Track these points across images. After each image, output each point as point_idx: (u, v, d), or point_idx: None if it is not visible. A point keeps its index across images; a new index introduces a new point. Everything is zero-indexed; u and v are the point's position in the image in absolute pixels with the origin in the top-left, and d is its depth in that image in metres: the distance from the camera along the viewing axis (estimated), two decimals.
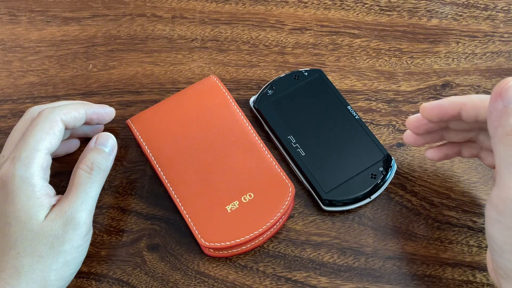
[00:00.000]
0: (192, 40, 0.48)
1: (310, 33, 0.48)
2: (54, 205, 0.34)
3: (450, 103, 0.35)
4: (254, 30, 0.48)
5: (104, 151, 0.36)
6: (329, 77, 0.44)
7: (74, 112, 0.37)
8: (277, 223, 0.38)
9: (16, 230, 0.32)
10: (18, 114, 0.44)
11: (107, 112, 0.40)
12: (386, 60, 0.46)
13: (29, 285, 0.32)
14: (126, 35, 0.48)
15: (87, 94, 0.45)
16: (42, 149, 0.34)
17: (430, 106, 0.35)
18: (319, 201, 0.39)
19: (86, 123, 0.39)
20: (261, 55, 0.47)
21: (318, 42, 0.47)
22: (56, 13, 0.49)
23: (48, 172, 0.35)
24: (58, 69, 0.46)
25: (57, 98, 0.45)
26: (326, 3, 0.50)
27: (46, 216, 0.33)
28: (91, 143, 0.37)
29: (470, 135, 0.37)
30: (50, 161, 0.35)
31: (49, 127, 0.35)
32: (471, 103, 0.33)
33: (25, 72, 0.46)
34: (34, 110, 0.37)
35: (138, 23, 0.49)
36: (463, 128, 0.36)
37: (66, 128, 0.36)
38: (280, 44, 0.47)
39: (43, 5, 0.50)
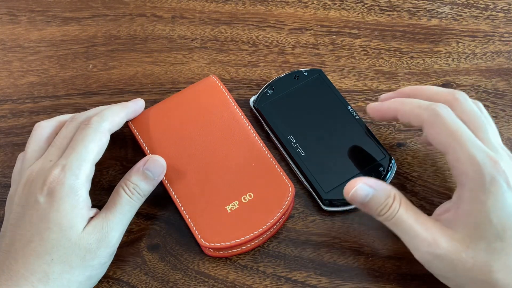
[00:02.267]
0: (192, 40, 0.48)
1: (310, 33, 0.48)
2: (91, 218, 0.34)
3: (387, 107, 0.37)
4: (254, 30, 0.48)
5: (150, 178, 0.36)
6: (329, 77, 0.44)
7: (117, 118, 0.38)
8: (277, 223, 0.38)
9: (56, 236, 0.33)
10: (18, 114, 0.44)
11: (141, 106, 0.41)
12: (386, 60, 0.46)
13: None
14: (126, 35, 0.48)
15: (87, 94, 0.45)
16: (90, 159, 0.35)
17: (373, 108, 0.38)
18: (319, 201, 0.39)
19: None
20: (261, 55, 0.47)
21: (318, 42, 0.47)
22: (56, 13, 0.49)
23: (90, 182, 0.36)
24: (58, 69, 0.46)
25: (57, 98, 0.45)
26: (326, 3, 0.50)
27: (84, 228, 0.34)
28: (141, 163, 0.37)
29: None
30: (94, 171, 0.36)
31: (98, 138, 0.36)
32: (403, 111, 0.36)
33: (25, 72, 0.46)
34: (80, 117, 0.37)
35: (138, 23, 0.49)
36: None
37: None
38: (280, 44, 0.47)
39: (43, 5, 0.50)
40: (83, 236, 0.33)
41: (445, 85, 0.45)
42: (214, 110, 0.41)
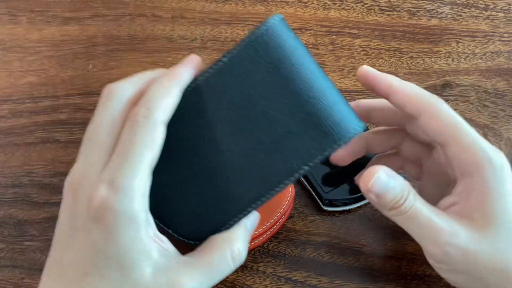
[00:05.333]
0: (192, 40, 0.48)
1: (310, 33, 0.48)
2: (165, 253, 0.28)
3: (384, 78, 0.33)
4: None
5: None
6: (329, 77, 0.44)
7: (171, 100, 0.28)
8: (277, 223, 0.38)
9: (117, 278, 0.26)
10: (18, 114, 0.44)
11: (196, 60, 0.30)
12: (386, 60, 0.46)
13: None
14: (126, 35, 0.48)
15: (87, 94, 0.45)
16: (146, 169, 0.27)
17: (367, 72, 0.34)
18: (319, 201, 0.39)
19: None
20: None
21: (318, 42, 0.47)
22: (56, 13, 0.49)
23: (148, 197, 0.27)
24: (58, 69, 0.46)
25: (57, 98, 0.45)
26: (326, 3, 0.50)
27: (154, 272, 0.27)
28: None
29: (392, 144, 0.36)
30: (150, 180, 0.27)
31: (151, 138, 0.27)
32: (402, 91, 0.32)
33: (25, 72, 0.46)
34: (121, 98, 0.28)
35: (138, 23, 0.49)
36: (385, 138, 0.36)
37: None
38: None
39: (43, 5, 0.50)
40: (151, 283, 0.26)
41: (445, 85, 0.45)
42: None
